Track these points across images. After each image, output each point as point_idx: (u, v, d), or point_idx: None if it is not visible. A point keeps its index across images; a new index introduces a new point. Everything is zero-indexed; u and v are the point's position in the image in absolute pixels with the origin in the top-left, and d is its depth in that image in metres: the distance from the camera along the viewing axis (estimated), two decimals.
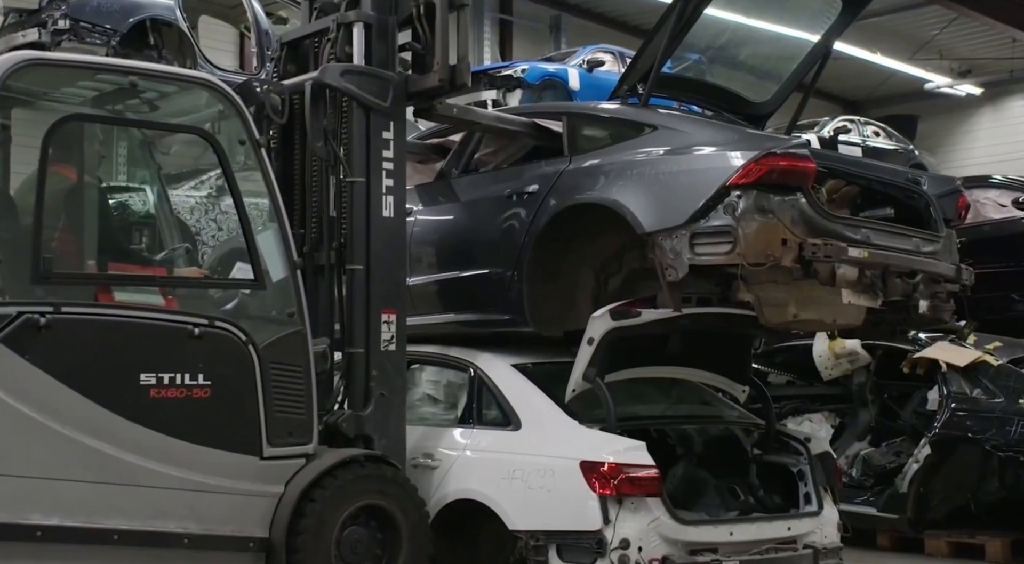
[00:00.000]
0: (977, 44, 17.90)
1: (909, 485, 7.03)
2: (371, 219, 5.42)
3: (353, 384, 5.39)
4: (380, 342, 5.41)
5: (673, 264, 5.18)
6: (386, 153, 5.48)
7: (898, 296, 5.56)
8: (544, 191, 5.82)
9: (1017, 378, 6.98)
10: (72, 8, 8.37)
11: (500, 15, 16.99)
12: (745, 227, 5.05)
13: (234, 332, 4.89)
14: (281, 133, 5.75)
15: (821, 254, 5.07)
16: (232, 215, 5.54)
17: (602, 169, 5.64)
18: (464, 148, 6.59)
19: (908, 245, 5.63)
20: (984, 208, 9.72)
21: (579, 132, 6.05)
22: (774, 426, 5.94)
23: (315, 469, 4.99)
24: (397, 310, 5.48)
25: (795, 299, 5.26)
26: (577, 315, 5.82)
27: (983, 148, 19.48)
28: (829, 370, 7.91)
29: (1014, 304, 9.28)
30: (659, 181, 5.40)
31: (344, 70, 5.45)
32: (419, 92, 5.70)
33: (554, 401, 5.46)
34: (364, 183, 5.43)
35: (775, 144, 5.30)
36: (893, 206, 5.99)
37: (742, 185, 5.10)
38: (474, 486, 5.35)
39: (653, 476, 4.99)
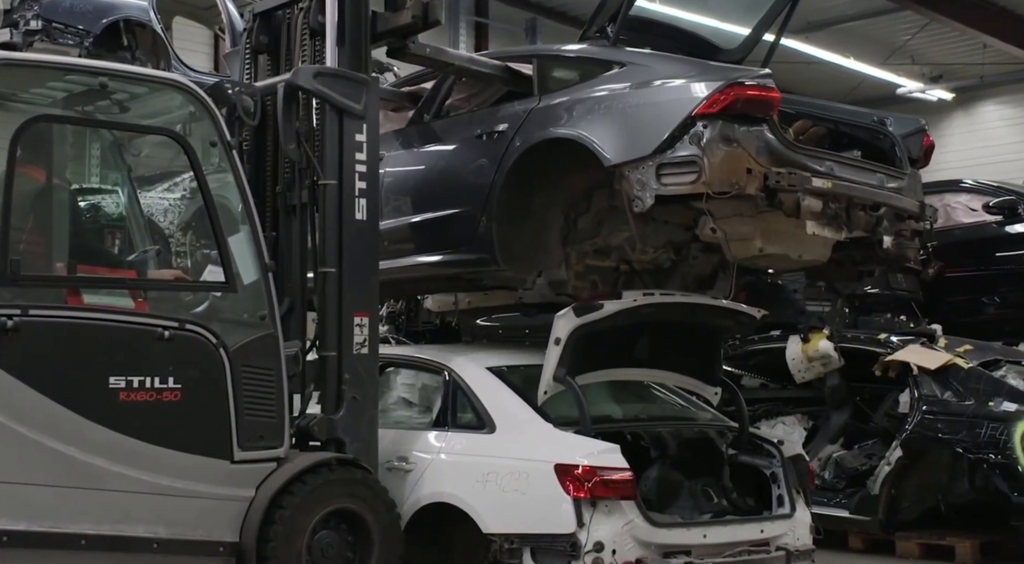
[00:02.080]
0: (948, 49, 18.05)
1: (881, 487, 7.07)
2: (343, 222, 5.40)
3: (325, 387, 5.36)
4: (353, 345, 5.38)
5: (639, 195, 5.26)
6: (359, 156, 5.45)
7: (862, 230, 5.64)
8: (513, 130, 5.85)
9: (987, 381, 7.04)
10: (44, 8, 8.30)
11: (476, 18, 16.99)
12: (710, 156, 5.11)
13: (205, 335, 4.86)
14: (253, 135, 5.71)
15: (785, 183, 5.15)
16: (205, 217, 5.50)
17: (569, 106, 5.69)
18: (436, 94, 6.59)
19: (872, 180, 5.74)
20: (955, 212, 9.79)
21: (548, 73, 6.09)
22: (747, 429, 5.96)
23: (286, 473, 4.96)
24: (370, 313, 5.46)
25: (761, 232, 5.35)
26: (546, 255, 5.91)
27: (954, 152, 19.61)
28: (802, 373, 7.95)
29: (984, 307, 9.37)
30: (625, 114, 5.47)
31: (317, 72, 5.43)
32: (391, 30, 5.66)
33: (528, 404, 5.46)
34: (337, 186, 5.40)
35: (740, 74, 5.37)
36: (861, 148, 6.10)
37: (707, 115, 5.17)
38: (448, 489, 5.35)
39: (627, 479, 5.00)
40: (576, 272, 6.13)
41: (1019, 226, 9.26)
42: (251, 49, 5.93)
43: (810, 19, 16.86)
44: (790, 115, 6.01)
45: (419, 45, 5.83)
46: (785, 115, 5.84)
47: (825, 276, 7.45)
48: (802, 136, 6.03)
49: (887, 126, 6.24)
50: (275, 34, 5.85)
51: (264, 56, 5.92)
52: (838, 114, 6.36)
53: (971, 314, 9.32)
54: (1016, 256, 9.27)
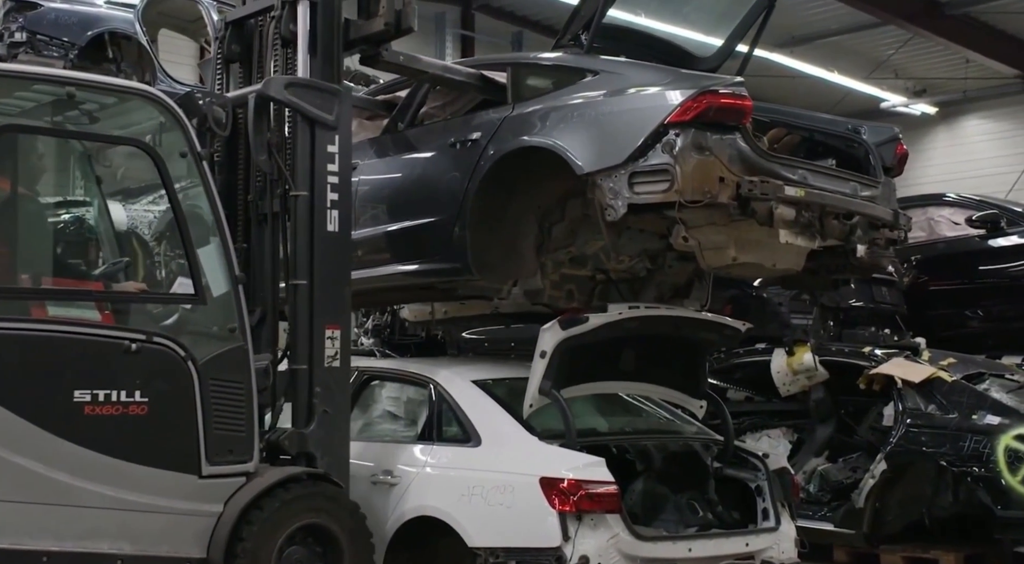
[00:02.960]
0: (931, 64, 18.17)
1: (865, 500, 7.08)
2: (315, 233, 5.35)
3: (296, 401, 5.31)
4: (324, 358, 5.32)
5: (612, 204, 5.22)
6: (331, 167, 5.40)
7: (836, 238, 5.62)
8: (486, 138, 5.83)
9: (971, 394, 7.06)
10: (29, 21, 8.28)
11: (462, 31, 17.03)
12: (682, 165, 5.09)
13: (173, 348, 4.80)
14: (225, 145, 5.67)
15: (758, 192, 5.12)
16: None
17: (543, 114, 5.67)
18: (411, 102, 6.57)
19: (846, 188, 5.72)
20: (938, 226, 9.85)
21: (522, 81, 6.07)
22: (732, 442, 5.97)
23: (255, 488, 4.90)
24: (341, 325, 5.41)
25: (734, 241, 5.34)
26: (521, 264, 5.87)
27: (938, 166, 19.74)
28: (787, 386, 7.95)
29: (968, 321, 9.41)
30: (598, 122, 5.45)
31: (288, 82, 5.38)
32: (364, 38, 5.61)
33: (514, 417, 5.46)
34: (308, 197, 5.35)
35: (713, 82, 5.34)
36: (835, 157, 6.09)
37: (680, 123, 5.15)
38: (433, 503, 5.33)
39: (612, 492, 5.01)
40: (552, 281, 6.12)
41: (1002, 240, 9.31)
42: (223, 58, 5.89)
43: (795, 33, 16.98)
44: (764, 123, 6.00)
45: (392, 53, 5.79)
46: (759, 123, 5.83)
47: (800, 285, 7.43)
48: (776, 144, 6.02)
49: (861, 134, 6.23)
50: (247, 43, 5.81)
51: (237, 66, 5.88)
52: (812, 122, 6.34)
53: (954, 327, 9.37)
54: (999, 269, 9.33)
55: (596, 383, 5.84)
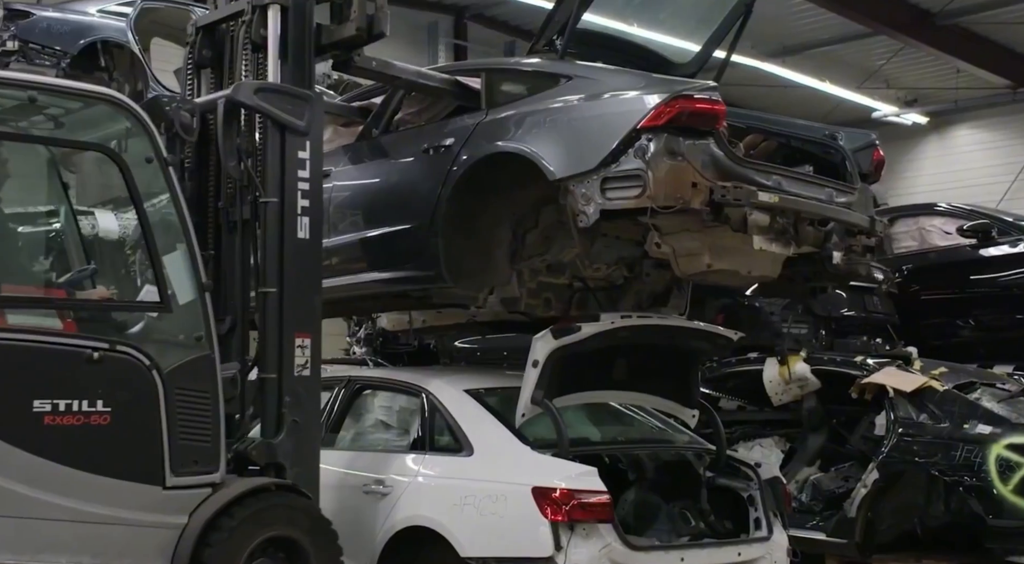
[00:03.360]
0: (922, 74, 18.23)
1: (857, 510, 7.07)
2: (285, 240, 5.27)
3: (265, 411, 5.23)
4: (293, 367, 5.25)
5: (584, 210, 5.18)
6: (302, 173, 5.33)
7: (811, 245, 5.58)
8: (459, 144, 5.79)
9: (962, 403, 7.06)
10: (21, 29, 8.26)
11: (455, 40, 17.06)
12: (655, 170, 5.05)
13: (137, 356, 4.70)
14: (196, 151, 5.60)
15: (731, 197, 5.08)
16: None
17: (516, 119, 5.64)
18: (385, 108, 6.52)
19: (821, 194, 5.69)
20: (930, 235, 9.87)
21: (496, 86, 6.01)
22: (724, 451, 5.97)
23: (221, 499, 4.80)
24: (312, 334, 5.32)
25: (709, 248, 5.32)
26: (494, 271, 5.83)
27: (929, 176, 19.79)
28: (779, 395, 7.95)
29: (959, 330, 9.43)
30: (571, 128, 5.42)
31: (258, 88, 5.31)
32: (336, 42, 5.55)
33: (506, 426, 5.45)
34: (278, 203, 5.28)
35: (685, 87, 5.30)
36: (813, 163, 6.05)
37: (652, 128, 5.11)
38: (425, 512, 5.33)
39: (605, 502, 5.00)
40: (529, 289, 6.09)
41: (993, 249, 9.33)
42: (194, 64, 5.81)
43: (786, 43, 17.03)
44: (741, 129, 5.97)
45: (365, 58, 5.74)
46: (736, 129, 5.80)
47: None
48: (753, 150, 5.98)
49: (838, 141, 6.20)
50: (218, 48, 5.73)
51: (208, 71, 5.80)
52: (789, 129, 6.30)
53: (946, 337, 9.38)
54: (990, 279, 9.35)
55: (588, 392, 5.84)
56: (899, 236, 10.14)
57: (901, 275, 9.68)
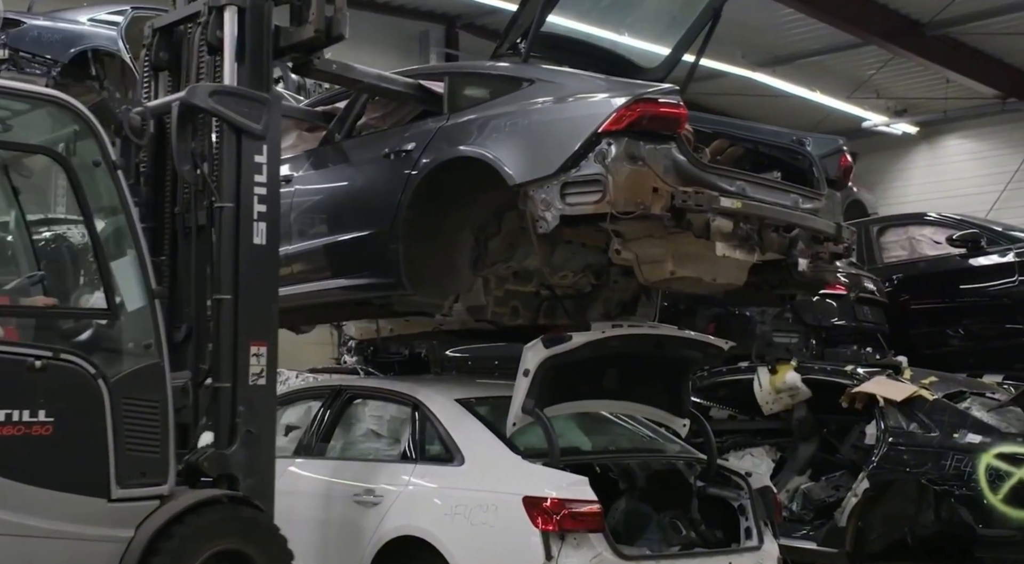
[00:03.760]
0: (912, 84, 18.29)
1: (848, 519, 7.08)
2: (240, 246, 5.15)
3: (218, 420, 5.09)
4: (248, 376, 5.12)
5: (544, 215, 5.11)
6: (258, 178, 5.20)
7: (776, 251, 5.52)
8: (420, 148, 5.71)
9: (952, 413, 7.07)
10: (11, 38, 8.26)
11: (446, 50, 17.07)
12: (615, 175, 4.97)
13: (81, 365, 4.54)
14: (152, 156, 5.50)
15: (692, 203, 5.01)
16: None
17: (477, 124, 5.55)
18: (349, 112, 6.44)
19: (786, 200, 5.62)
20: (919, 245, 9.92)
21: (459, 90, 5.92)
22: (715, 460, 5.97)
23: (168, 511, 4.64)
24: (268, 343, 5.19)
25: (672, 255, 5.23)
26: (456, 279, 5.74)
27: (919, 186, 19.85)
28: (770, 405, 7.96)
29: (949, 339, 9.46)
30: (531, 132, 5.35)
31: (213, 90, 5.19)
32: (294, 45, 5.45)
33: (497, 436, 5.45)
34: (233, 208, 5.15)
35: (646, 90, 5.21)
36: (781, 169, 5.99)
37: (613, 132, 5.03)
38: (416, 522, 5.32)
39: (595, 511, 4.99)
40: (496, 297, 6.04)
41: (982, 259, 9.37)
42: (151, 66, 5.69)
43: (777, 53, 17.10)
44: (707, 135, 5.90)
45: (325, 61, 5.65)
46: (702, 135, 5.74)
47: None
48: (719, 156, 5.91)
49: (806, 146, 6.12)
50: (176, 51, 5.61)
51: (166, 74, 5.69)
52: (756, 134, 6.22)
53: (936, 346, 9.41)
54: (979, 288, 9.39)
55: (579, 402, 5.84)
56: (889, 245, 10.19)
57: (891, 284, 9.72)
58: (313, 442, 6.17)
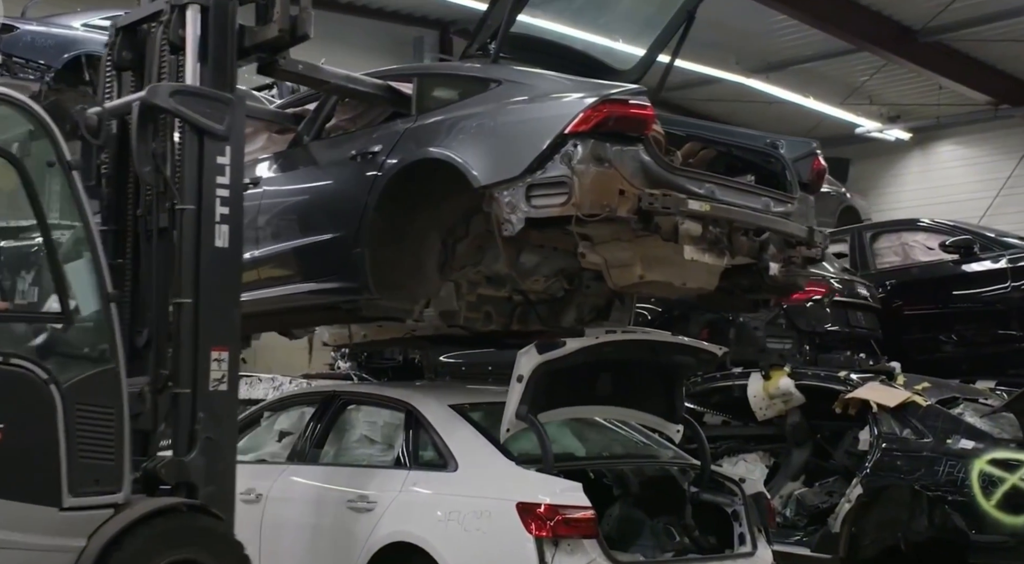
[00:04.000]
0: (905, 90, 18.35)
1: (841, 525, 7.08)
2: (202, 249, 5.03)
3: (177, 427, 4.96)
4: (209, 382, 4.99)
5: (509, 218, 5.03)
6: (221, 179, 5.09)
7: (746, 255, 5.44)
8: (386, 150, 5.63)
9: (945, 418, 7.09)
10: (5, 43, 8.25)
11: (440, 55, 17.09)
12: (581, 176, 4.90)
13: (32, 370, 4.42)
14: (114, 158, 5.39)
15: (659, 205, 4.94)
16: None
17: (443, 125, 5.47)
18: (318, 114, 6.35)
19: (757, 203, 5.54)
20: (912, 251, 9.95)
21: (428, 91, 5.82)
22: (709, 466, 5.97)
23: (122, 520, 4.51)
24: (229, 348, 5.07)
25: (641, 258, 5.15)
26: (423, 283, 5.65)
27: (912, 192, 19.90)
28: (763, 410, 7.97)
29: (942, 345, 9.49)
30: (497, 133, 5.28)
31: (174, 90, 5.07)
32: (259, 45, 5.35)
33: (491, 442, 5.44)
34: (195, 211, 5.03)
35: (613, 91, 5.11)
36: (754, 172, 5.92)
37: (579, 133, 4.96)
38: (410, 528, 5.30)
39: (589, 517, 4.99)
40: (468, 302, 5.97)
41: (975, 265, 9.40)
42: (113, 66, 5.57)
43: (770, 59, 17.14)
44: (680, 137, 5.83)
45: (290, 61, 5.53)
46: (674, 137, 5.67)
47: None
48: (691, 159, 5.83)
49: (779, 149, 6.04)
50: (139, 50, 5.50)
51: (129, 74, 5.57)
52: (729, 137, 6.15)
53: (929, 352, 9.43)
54: (972, 294, 9.41)
55: (573, 407, 5.83)
56: (882, 251, 10.21)
57: (884, 290, 9.74)
58: (307, 448, 6.16)
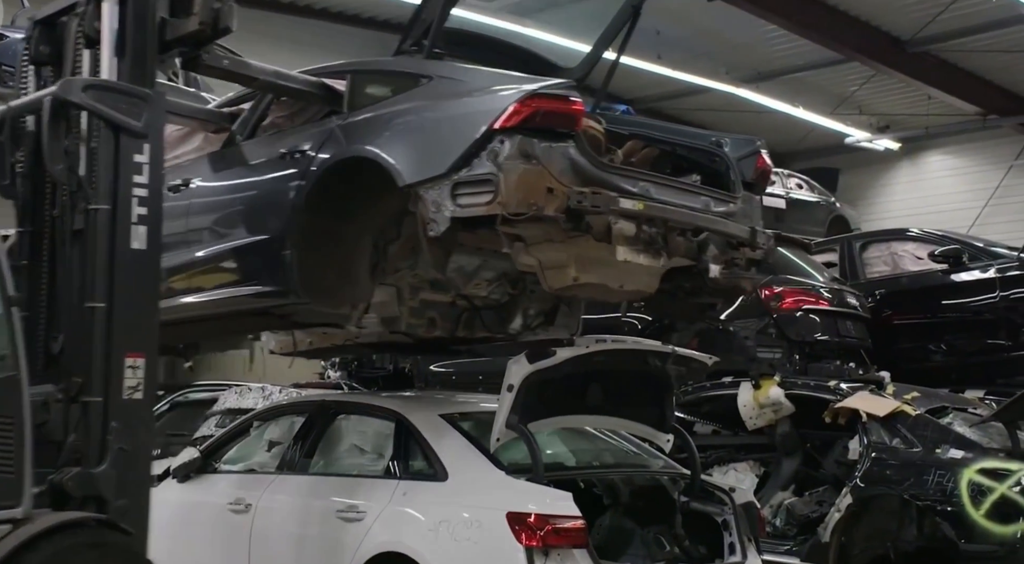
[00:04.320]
0: (894, 100, 18.41)
1: (831, 534, 7.09)
2: (116, 251, 4.80)
3: (88, 437, 4.71)
4: (123, 390, 4.75)
5: (435, 217, 4.86)
6: (138, 178, 4.86)
7: (684, 256, 5.31)
8: (315, 148, 5.45)
9: (934, 428, 7.10)
10: None
11: None
12: (507, 174, 4.75)
13: None
14: (31, 156, 5.16)
15: (589, 204, 4.78)
16: None
17: (372, 122, 5.32)
18: (253, 113, 6.19)
19: (696, 202, 5.37)
20: (902, 260, 9.98)
21: (360, 88, 5.66)
22: (699, 476, 5.98)
23: (20, 536, 4.24)
24: (146, 354, 4.83)
25: (575, 260, 5.03)
26: (354, 287, 5.48)
27: (901, 201, 19.96)
28: (753, 420, 7.98)
29: (931, 354, 9.51)
30: (423, 130, 5.11)
31: (88, 85, 4.85)
32: (180, 38, 5.11)
33: (481, 451, 5.44)
34: (109, 211, 4.82)
35: (542, 86, 4.96)
36: (700, 172, 5.78)
37: (506, 129, 4.80)
38: (400, 538, 5.29)
39: (579, 527, 4.98)
40: (410, 308, 5.85)
41: (964, 274, 9.44)
42: (31, 60, 5.33)
43: (760, 69, 17.18)
44: (622, 136, 5.71)
45: (214, 56, 5.33)
46: (617, 136, 5.57)
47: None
48: (633, 158, 5.69)
49: (723, 148, 5.87)
50: (57, 44, 5.26)
51: (49, 69, 5.31)
52: (673, 136, 6.00)
53: (918, 361, 9.45)
54: (961, 304, 9.44)
55: (563, 417, 5.83)
56: (872, 261, 10.25)
57: (874, 300, 9.77)
58: (296, 457, 6.14)
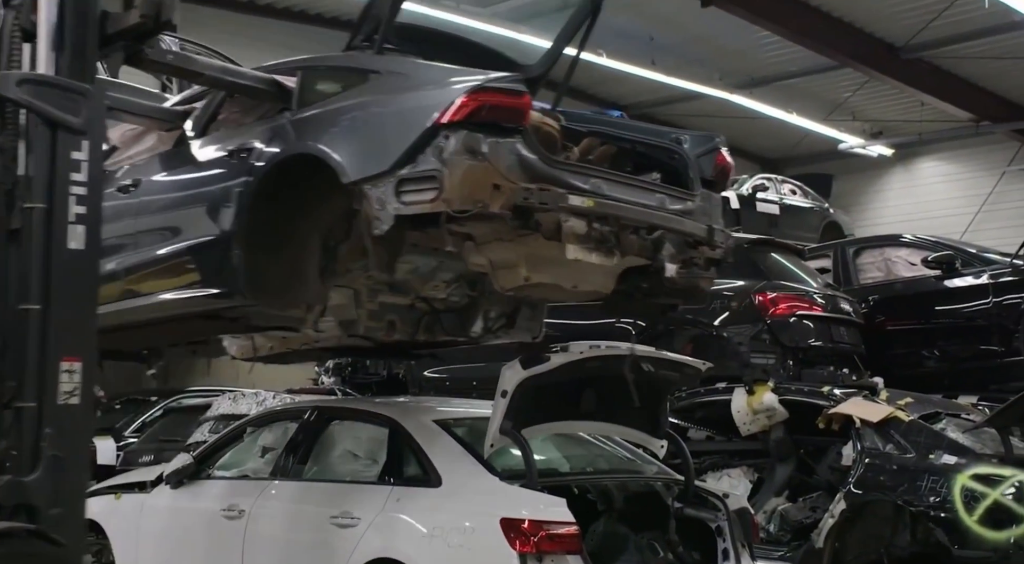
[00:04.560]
0: (888, 107, 18.47)
1: (825, 540, 7.08)
2: (53, 251, 4.65)
3: (21, 443, 4.54)
4: (58, 395, 4.58)
5: (379, 215, 4.76)
6: (76, 176, 4.71)
7: (637, 255, 5.21)
8: (263, 146, 5.37)
9: (928, 434, 7.10)
10: None
11: None
12: (452, 170, 4.64)
13: None
14: None
15: (536, 201, 4.69)
16: None
17: (319, 119, 5.22)
18: (205, 111, 6.10)
19: (650, 200, 5.26)
20: (895, 266, 10.01)
21: (310, 85, 5.57)
22: (693, 482, 5.98)
23: None
24: (83, 358, 4.68)
25: (525, 259, 4.96)
26: (303, 288, 5.37)
27: (894, 207, 20.03)
28: (747, 425, 7.98)
29: (924, 360, 9.53)
30: (368, 125, 5.02)
31: (22, 79, 4.70)
32: (120, 32, 4.98)
33: (475, 457, 5.43)
34: (45, 209, 4.67)
35: (488, 79, 4.85)
36: (660, 170, 5.69)
37: (451, 124, 4.69)
38: (393, 544, 5.28)
39: (573, 533, 4.97)
40: (369, 311, 5.76)
41: (957, 280, 9.46)
42: None
43: (754, 75, 17.23)
44: (580, 133, 5.63)
45: (158, 50, 5.21)
46: (575, 133, 5.51)
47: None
48: (590, 155, 5.59)
49: (683, 145, 5.77)
50: None
51: None
52: (631, 133, 5.85)
53: (911, 367, 9.47)
54: (954, 310, 9.46)
55: (557, 423, 5.83)
56: (865, 267, 10.27)
57: (867, 305, 9.79)
58: (290, 463, 6.13)
